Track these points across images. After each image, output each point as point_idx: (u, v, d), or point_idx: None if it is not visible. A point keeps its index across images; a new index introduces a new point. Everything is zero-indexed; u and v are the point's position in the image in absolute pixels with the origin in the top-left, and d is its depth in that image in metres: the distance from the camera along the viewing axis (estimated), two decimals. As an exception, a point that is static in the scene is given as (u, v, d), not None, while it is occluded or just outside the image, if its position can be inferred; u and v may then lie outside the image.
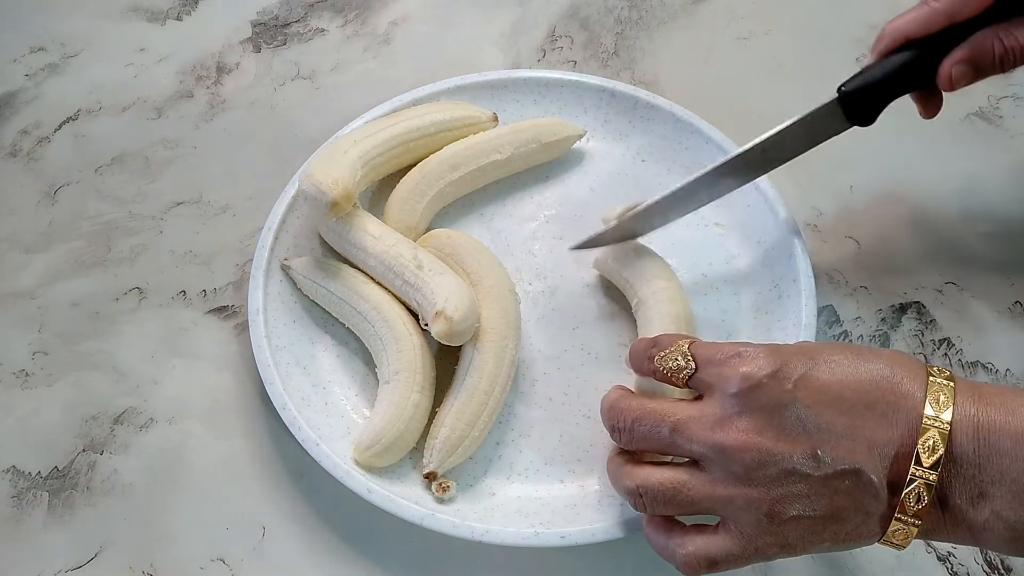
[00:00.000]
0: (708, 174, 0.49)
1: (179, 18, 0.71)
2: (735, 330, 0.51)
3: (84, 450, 0.49)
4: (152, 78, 0.67)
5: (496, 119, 0.58)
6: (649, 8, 0.71)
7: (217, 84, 0.66)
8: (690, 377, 0.38)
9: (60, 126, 0.64)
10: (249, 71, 0.67)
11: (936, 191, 0.58)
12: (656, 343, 0.40)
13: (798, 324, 0.48)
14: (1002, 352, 0.51)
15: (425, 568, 0.45)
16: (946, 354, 0.52)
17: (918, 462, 0.33)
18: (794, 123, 0.47)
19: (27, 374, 0.52)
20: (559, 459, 0.47)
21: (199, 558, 0.45)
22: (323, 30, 0.70)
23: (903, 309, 0.53)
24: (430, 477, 0.44)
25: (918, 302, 0.54)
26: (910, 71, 0.45)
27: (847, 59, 0.66)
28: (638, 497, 0.38)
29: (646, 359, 0.40)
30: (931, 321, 0.53)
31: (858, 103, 0.46)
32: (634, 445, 0.39)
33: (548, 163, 0.59)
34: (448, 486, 0.44)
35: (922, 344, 0.52)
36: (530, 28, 0.69)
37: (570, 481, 0.46)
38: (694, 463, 0.37)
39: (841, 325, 0.53)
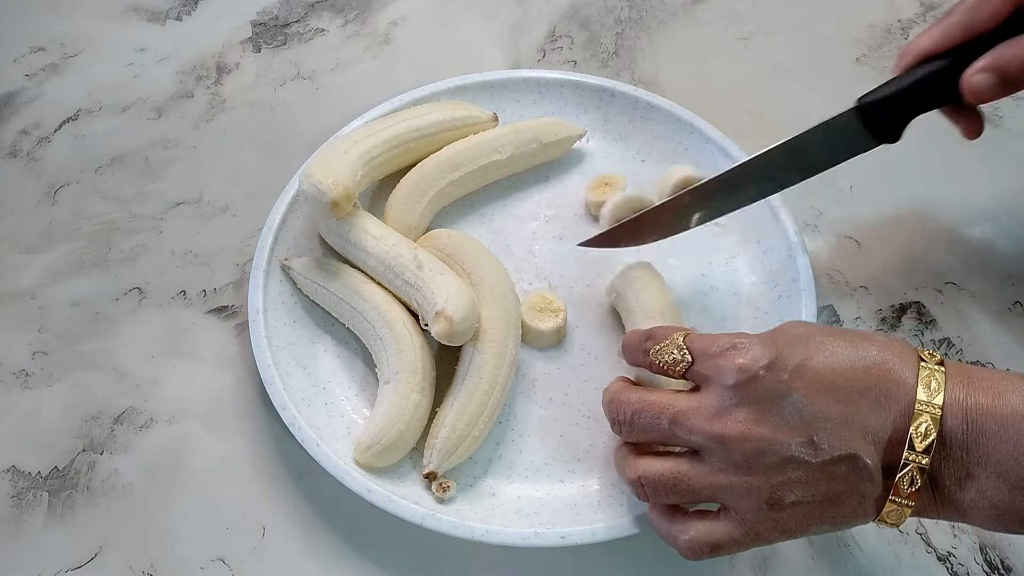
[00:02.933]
0: (726, 178, 0.47)
1: (179, 18, 0.71)
2: (735, 330, 0.51)
3: (84, 450, 0.49)
4: (152, 78, 0.67)
5: (496, 119, 0.58)
6: (649, 8, 0.71)
7: (217, 84, 0.66)
8: (687, 370, 0.38)
9: (60, 126, 0.64)
10: (249, 71, 0.67)
11: (936, 191, 0.58)
12: (650, 336, 0.41)
13: (798, 324, 0.48)
14: (1002, 352, 0.51)
15: (425, 568, 0.45)
16: (946, 354, 0.52)
17: (911, 447, 0.34)
18: (814, 129, 0.45)
19: (27, 374, 0.52)
20: (559, 459, 0.47)
21: (199, 558, 0.45)
22: (323, 30, 0.70)
23: (903, 309, 0.53)
24: (430, 477, 0.44)
25: (918, 302, 0.54)
26: (932, 83, 0.43)
27: (847, 59, 0.66)
28: (640, 487, 0.39)
29: (640, 352, 0.41)
30: (931, 321, 0.53)
31: (879, 116, 0.44)
32: (635, 437, 0.40)
33: (548, 163, 0.59)
34: (448, 486, 0.44)
35: (922, 344, 0.52)
36: (530, 28, 0.69)
37: (570, 481, 0.46)
38: (694, 453, 0.38)
39: (841, 325, 0.53)
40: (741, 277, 0.53)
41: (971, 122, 0.46)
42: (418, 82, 0.59)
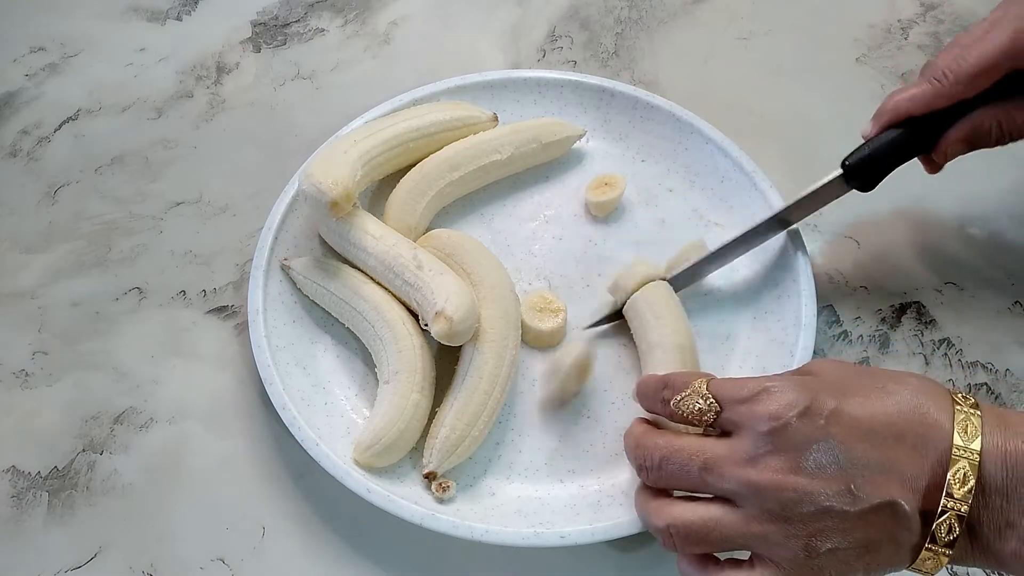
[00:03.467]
0: (720, 251, 0.50)
1: (179, 18, 0.71)
2: (735, 331, 0.51)
3: (84, 450, 0.49)
4: (152, 78, 0.67)
5: (496, 119, 0.58)
6: (649, 8, 0.71)
7: (217, 84, 0.66)
8: (715, 419, 0.37)
9: (60, 126, 0.64)
10: (249, 71, 0.67)
11: (936, 191, 0.58)
12: (668, 384, 0.40)
13: (798, 324, 0.48)
14: (1002, 352, 0.51)
15: (425, 568, 0.45)
16: (946, 354, 0.52)
17: (949, 493, 0.33)
18: (803, 197, 0.49)
19: (27, 374, 0.52)
20: (559, 459, 0.47)
21: (199, 558, 0.45)
22: (323, 30, 0.70)
23: (903, 309, 0.53)
24: (430, 477, 0.44)
25: (918, 302, 0.54)
26: (910, 146, 0.46)
27: (847, 59, 0.66)
28: (668, 536, 0.37)
29: (659, 402, 0.40)
30: (931, 321, 0.53)
31: (859, 174, 0.47)
32: (663, 483, 0.39)
33: (548, 163, 0.59)
34: (448, 486, 0.44)
35: (922, 344, 0.52)
36: (530, 28, 0.69)
37: (570, 481, 0.46)
38: (725, 500, 0.36)
39: (841, 325, 0.53)
40: (741, 277, 0.53)
41: (934, 163, 0.48)
42: (418, 82, 0.59)
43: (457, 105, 0.58)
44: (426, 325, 0.46)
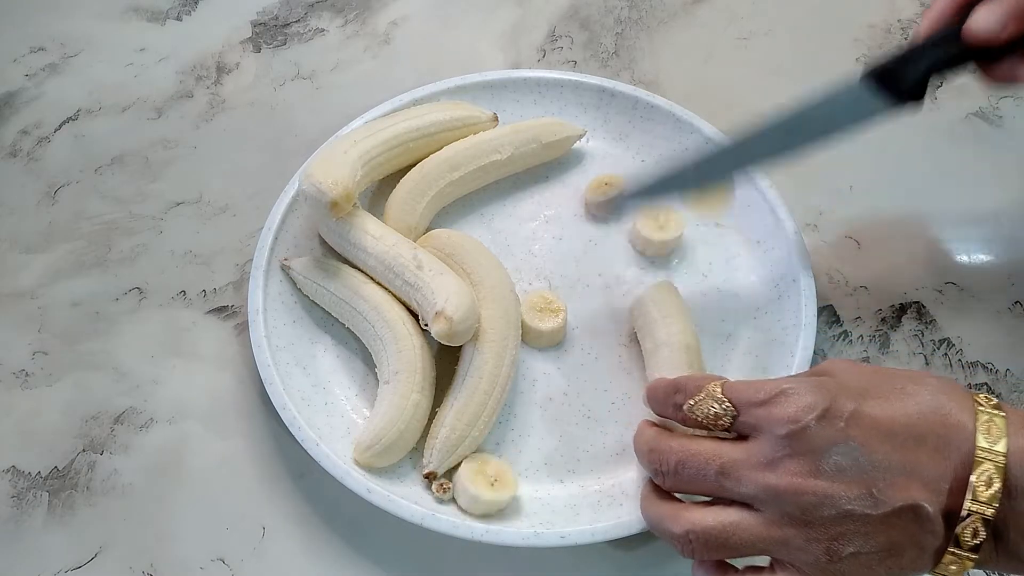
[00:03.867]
0: (742, 140, 0.47)
1: (179, 18, 0.71)
2: (735, 331, 0.51)
3: (84, 450, 0.49)
4: (152, 78, 0.67)
5: (496, 119, 0.58)
6: (649, 8, 0.71)
7: (217, 84, 0.66)
8: (731, 423, 0.37)
9: (60, 126, 0.64)
10: (249, 71, 0.67)
11: (936, 191, 0.58)
12: (679, 388, 0.39)
13: (798, 324, 0.48)
14: (1002, 352, 0.51)
15: (425, 568, 0.45)
16: (946, 354, 0.52)
17: (974, 496, 0.32)
18: (823, 96, 0.44)
19: (27, 374, 0.52)
20: (559, 459, 0.47)
21: (199, 558, 0.45)
22: (323, 30, 0.70)
23: (903, 309, 0.53)
24: (430, 477, 0.44)
25: (918, 302, 0.54)
26: (936, 38, 0.42)
27: (847, 59, 0.66)
28: (687, 543, 0.36)
29: (671, 406, 0.39)
30: (931, 321, 0.53)
31: (891, 75, 0.42)
32: (679, 488, 0.39)
33: (548, 163, 0.59)
34: (448, 486, 0.44)
35: (922, 344, 0.52)
36: (530, 28, 0.69)
37: (570, 481, 0.46)
38: (744, 505, 0.36)
39: (841, 325, 0.53)
40: (741, 277, 0.53)
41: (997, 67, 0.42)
42: (418, 82, 0.59)
43: (457, 105, 0.58)
44: (426, 325, 0.46)
